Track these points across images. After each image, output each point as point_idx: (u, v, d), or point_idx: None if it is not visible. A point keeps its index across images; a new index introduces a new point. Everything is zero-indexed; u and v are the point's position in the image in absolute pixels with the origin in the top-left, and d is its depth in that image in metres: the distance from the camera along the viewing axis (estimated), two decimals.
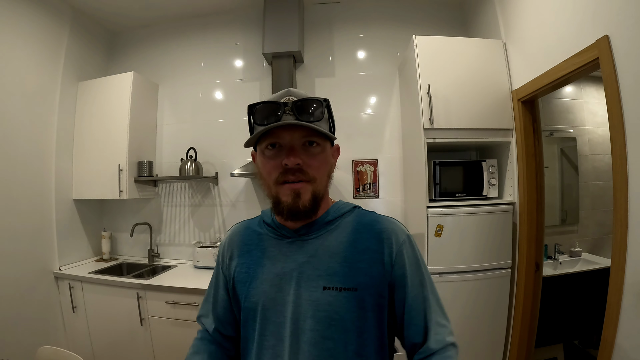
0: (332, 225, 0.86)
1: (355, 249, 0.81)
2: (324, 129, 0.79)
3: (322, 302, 0.77)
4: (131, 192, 2.90)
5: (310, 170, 0.78)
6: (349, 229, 0.85)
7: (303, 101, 0.78)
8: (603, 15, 1.57)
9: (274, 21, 2.82)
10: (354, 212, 0.90)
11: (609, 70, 1.51)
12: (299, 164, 0.77)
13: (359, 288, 0.78)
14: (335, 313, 0.77)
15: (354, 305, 0.77)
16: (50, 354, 1.72)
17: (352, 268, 0.79)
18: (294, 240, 0.85)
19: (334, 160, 0.88)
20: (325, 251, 0.82)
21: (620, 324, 1.50)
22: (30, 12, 2.64)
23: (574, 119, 3.20)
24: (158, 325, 2.50)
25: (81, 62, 3.13)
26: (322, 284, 0.78)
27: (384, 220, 0.86)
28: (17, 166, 2.57)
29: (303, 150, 0.78)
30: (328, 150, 0.84)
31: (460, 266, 2.25)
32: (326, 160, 0.82)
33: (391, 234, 0.83)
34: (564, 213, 3.25)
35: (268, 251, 0.87)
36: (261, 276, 0.85)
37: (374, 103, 3.01)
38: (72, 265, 2.97)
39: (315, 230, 0.85)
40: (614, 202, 1.52)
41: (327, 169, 0.84)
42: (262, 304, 0.83)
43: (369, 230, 0.84)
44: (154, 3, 3.04)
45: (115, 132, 2.90)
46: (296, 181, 0.78)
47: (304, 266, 0.81)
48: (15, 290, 2.51)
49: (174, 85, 3.30)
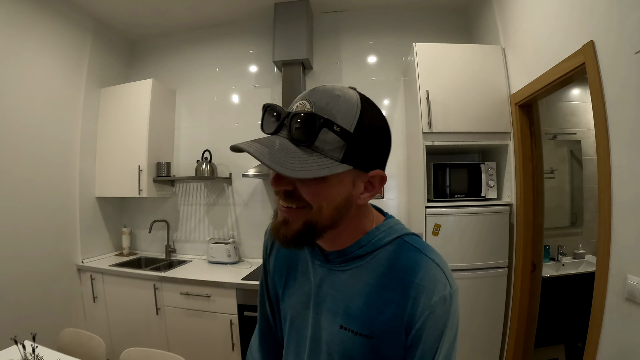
0: (362, 260, 0.72)
1: (380, 297, 0.69)
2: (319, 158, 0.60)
3: (337, 339, 0.71)
4: (150, 191, 3.09)
5: (306, 196, 0.63)
6: (380, 269, 0.70)
7: (295, 115, 0.60)
8: (588, 21, 1.60)
9: (283, 30, 2.95)
10: (393, 246, 0.72)
11: (594, 75, 1.55)
12: (288, 190, 0.65)
13: (374, 337, 0.68)
14: (347, 352, 0.70)
15: (367, 351, 0.69)
16: (73, 334, 1.88)
17: (371, 316, 0.68)
18: (322, 265, 0.76)
19: (357, 191, 0.67)
20: (349, 290, 0.72)
21: (604, 324, 1.53)
22: (54, 24, 2.82)
23: (579, 122, 3.23)
24: (172, 315, 2.67)
25: (103, 69, 3.33)
26: (340, 322, 0.71)
27: (423, 269, 0.67)
28: (44, 167, 2.76)
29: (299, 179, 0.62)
30: (340, 182, 0.64)
31: (458, 264, 2.33)
32: (329, 192, 0.63)
33: (422, 292, 0.65)
34: (574, 215, 3.27)
35: (300, 264, 0.81)
36: (292, 287, 0.81)
37: (380, 108, 3.09)
38: (94, 258, 3.17)
39: (343, 262, 0.73)
40: (598, 204, 1.56)
41: (333, 201, 0.64)
42: (290, 315, 0.81)
43: (401, 278, 0.68)
44: (171, 14, 3.21)
45: (135, 135, 3.08)
46: (285, 206, 0.66)
47: (327, 297, 0.74)
48: (41, 281, 2.70)
49: (191, 91, 3.47)
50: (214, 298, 2.56)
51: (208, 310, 2.58)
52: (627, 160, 1.43)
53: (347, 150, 0.60)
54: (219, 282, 2.55)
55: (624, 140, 1.44)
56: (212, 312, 2.57)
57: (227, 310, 2.54)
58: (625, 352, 1.42)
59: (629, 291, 1.39)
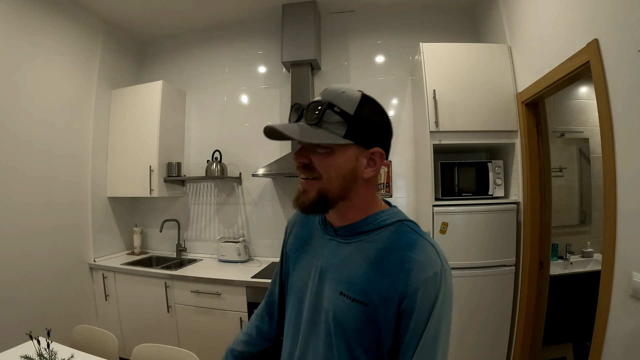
0: (367, 235, 0.84)
1: (378, 269, 0.78)
2: (324, 134, 0.76)
3: (335, 305, 0.80)
4: (161, 190, 3.14)
5: (318, 167, 0.79)
6: (382, 245, 0.81)
7: (308, 106, 0.79)
8: (592, 20, 1.61)
9: (291, 31, 2.99)
10: (393, 227, 0.84)
11: (599, 74, 1.56)
12: (302, 162, 0.81)
13: (369, 304, 0.77)
14: (344, 319, 0.79)
15: (361, 318, 0.78)
16: (85, 331, 1.92)
17: (370, 286, 0.78)
18: (332, 239, 0.88)
19: (365, 164, 0.81)
20: (352, 260, 0.82)
21: (609, 321, 1.53)
22: (66, 28, 2.88)
23: (587, 120, 3.21)
24: (183, 312, 2.72)
25: (114, 71, 3.39)
26: (340, 289, 0.80)
27: (419, 248, 0.78)
28: (57, 167, 2.82)
29: (312, 149, 0.80)
30: (343, 154, 0.79)
31: (465, 262, 2.35)
32: (335, 162, 0.78)
33: (417, 267, 0.75)
34: (583, 214, 3.26)
35: (312, 240, 0.94)
36: (302, 261, 0.93)
37: (388, 107, 3.13)
38: (106, 257, 3.23)
39: (350, 236, 0.85)
40: (604, 202, 1.58)
41: (340, 171, 0.79)
42: (297, 287, 0.92)
43: (399, 254, 0.78)
44: (180, 16, 3.26)
45: (146, 136, 3.13)
46: (303, 178, 0.81)
47: (333, 267, 0.84)
48: (54, 279, 2.76)
49: (201, 91, 3.52)
50: (224, 296, 2.60)
51: (218, 308, 2.62)
52: (632, 157, 1.43)
53: (348, 128, 0.77)
54: (229, 280, 2.59)
55: (629, 137, 1.45)
56: (222, 310, 2.61)
57: (237, 308, 2.58)
58: (631, 349, 1.42)
59: (634, 288, 1.40)
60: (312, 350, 0.85)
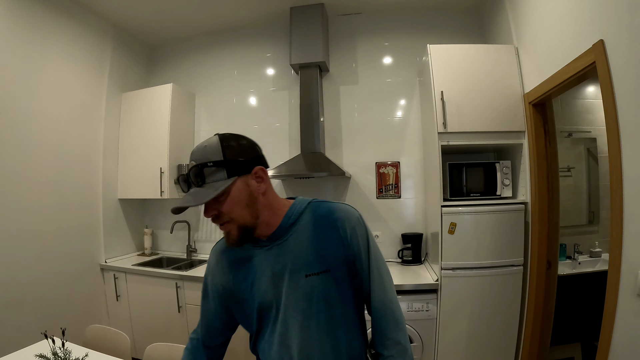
0: (295, 225, 1.00)
1: (319, 239, 0.98)
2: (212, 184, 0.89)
3: (307, 286, 0.95)
4: (171, 192, 3.18)
5: (224, 214, 0.92)
6: (310, 224, 1.00)
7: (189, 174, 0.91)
8: (598, 20, 1.61)
9: (299, 33, 3.02)
10: (309, 207, 1.03)
11: (604, 74, 1.56)
12: (213, 214, 0.92)
13: (331, 269, 0.96)
14: (319, 291, 0.95)
15: (331, 282, 0.96)
16: (98, 330, 1.95)
17: (322, 255, 0.96)
18: (270, 247, 1.00)
19: (254, 186, 0.95)
20: (298, 248, 0.98)
21: (616, 320, 1.53)
22: (76, 33, 2.93)
23: (594, 119, 3.21)
24: (194, 313, 2.76)
25: (124, 75, 3.44)
26: (304, 273, 0.95)
27: (337, 209, 1.01)
28: (68, 170, 2.87)
29: (214, 202, 0.90)
30: (237, 188, 0.92)
31: (473, 262, 2.36)
32: (235, 200, 0.91)
33: (344, 221, 0.98)
34: (591, 214, 3.25)
35: (254, 260, 1.02)
36: (257, 281, 1.00)
37: (396, 108, 3.15)
38: (117, 258, 3.28)
39: (284, 234, 0.99)
40: (610, 201, 1.58)
41: (242, 203, 0.93)
42: (266, 302, 0.99)
43: (326, 221, 0.99)
44: (189, 19, 3.31)
45: (156, 138, 3.17)
46: (221, 224, 0.94)
47: (287, 264, 0.97)
48: (66, 280, 2.81)
49: (210, 94, 3.56)
50: None
51: None
52: (638, 158, 1.43)
53: (227, 169, 0.91)
54: None
55: (635, 138, 1.44)
56: None
57: None
58: (638, 348, 1.43)
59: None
60: (310, 336, 0.96)
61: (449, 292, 2.38)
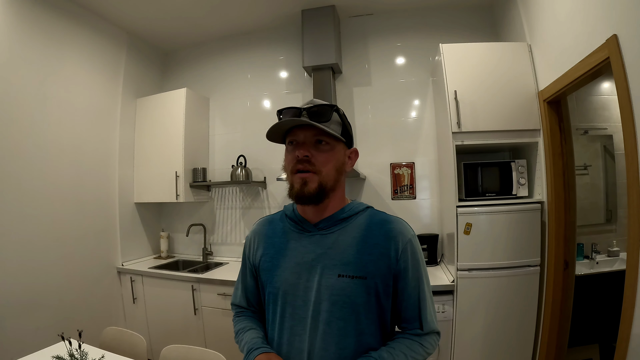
0: (346, 222, 0.98)
1: (366, 244, 0.94)
2: (332, 130, 0.93)
3: (336, 287, 0.90)
4: (187, 196, 3.22)
5: (317, 162, 0.91)
6: (362, 226, 0.97)
7: (317, 106, 0.93)
8: (611, 15, 1.58)
9: (311, 36, 3.03)
10: (366, 212, 1.02)
11: (619, 70, 1.53)
12: (307, 156, 0.91)
13: (368, 277, 0.91)
14: (347, 297, 0.90)
15: (363, 291, 0.90)
16: (115, 333, 1.97)
17: (363, 260, 0.92)
18: (314, 234, 0.98)
19: (347, 160, 1.00)
20: (341, 244, 0.94)
21: (634, 320, 1.50)
22: (91, 40, 2.99)
23: (610, 116, 3.15)
24: (210, 315, 2.78)
25: (138, 80, 3.50)
26: (338, 272, 0.91)
27: (393, 220, 0.98)
28: (85, 174, 2.92)
29: (314, 146, 0.92)
30: (339, 150, 0.96)
31: (489, 263, 2.33)
32: (334, 157, 0.94)
33: (398, 233, 0.95)
34: (609, 212, 3.19)
35: (290, 243, 1.00)
36: (283, 265, 0.97)
37: (409, 109, 3.14)
38: (134, 261, 3.33)
39: (332, 226, 0.97)
40: (627, 199, 1.55)
41: (335, 165, 0.94)
42: (283, 290, 0.96)
43: (380, 228, 0.96)
44: (201, 24, 3.34)
45: (171, 143, 3.22)
46: (304, 170, 0.91)
47: (322, 257, 0.94)
48: (84, 283, 2.86)
49: (224, 98, 3.60)
50: None
51: None
52: None
53: (343, 128, 0.98)
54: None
55: None
56: None
57: None
58: None
59: None
60: (320, 340, 0.90)
61: (465, 293, 2.36)
